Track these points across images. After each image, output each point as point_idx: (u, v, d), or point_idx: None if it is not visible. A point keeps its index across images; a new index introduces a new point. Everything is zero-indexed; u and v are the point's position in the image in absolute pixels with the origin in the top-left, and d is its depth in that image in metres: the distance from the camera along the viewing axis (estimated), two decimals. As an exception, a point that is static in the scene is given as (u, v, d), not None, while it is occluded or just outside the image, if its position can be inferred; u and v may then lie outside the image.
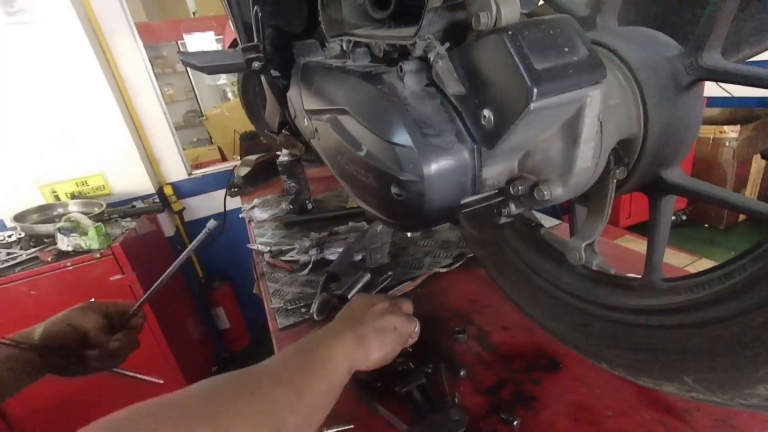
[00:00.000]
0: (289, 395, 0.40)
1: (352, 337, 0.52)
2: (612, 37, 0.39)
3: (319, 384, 0.44)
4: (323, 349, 0.49)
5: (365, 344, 0.53)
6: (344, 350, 0.50)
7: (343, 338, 0.51)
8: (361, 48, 0.57)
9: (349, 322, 0.56)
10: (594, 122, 0.35)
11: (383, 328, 0.55)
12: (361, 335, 0.53)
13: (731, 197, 0.36)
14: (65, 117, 1.93)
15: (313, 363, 0.46)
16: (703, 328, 0.36)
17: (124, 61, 2.09)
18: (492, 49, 0.34)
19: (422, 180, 0.40)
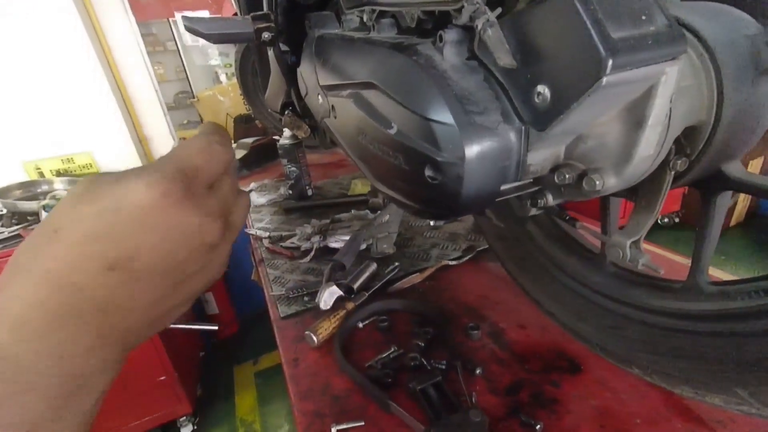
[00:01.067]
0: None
1: (95, 309, 0.23)
2: (683, 10, 0.35)
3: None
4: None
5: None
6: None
7: (67, 321, 0.22)
8: (387, 18, 0.52)
9: (80, 272, 0.22)
10: (665, 104, 0.32)
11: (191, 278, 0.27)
12: (122, 299, 0.24)
13: (805, 195, 0.33)
14: (52, 92, 1.83)
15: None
16: (765, 339, 0.33)
17: (115, 36, 1.99)
18: (558, 13, 0.30)
19: (462, 162, 0.36)
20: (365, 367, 0.60)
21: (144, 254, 0.23)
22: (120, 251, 0.23)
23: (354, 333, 0.69)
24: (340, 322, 0.69)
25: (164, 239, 0.24)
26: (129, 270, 0.23)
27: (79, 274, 0.22)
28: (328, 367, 0.61)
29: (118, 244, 0.23)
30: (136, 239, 0.23)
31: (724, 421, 0.46)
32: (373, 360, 0.61)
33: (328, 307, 0.73)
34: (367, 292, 0.77)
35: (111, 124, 1.98)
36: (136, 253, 0.23)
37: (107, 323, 0.23)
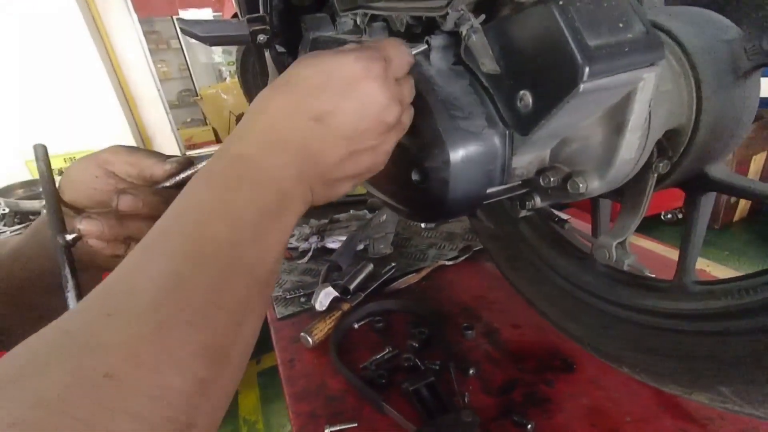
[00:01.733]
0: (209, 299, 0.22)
1: (301, 147, 0.28)
2: (663, 16, 0.35)
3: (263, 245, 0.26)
4: (257, 173, 0.27)
5: (323, 163, 0.29)
6: (294, 173, 0.28)
7: (287, 149, 0.28)
8: (379, 22, 0.53)
9: (296, 116, 0.28)
10: (644, 109, 0.32)
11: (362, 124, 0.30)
12: (317, 149, 0.29)
13: (785, 197, 0.33)
14: (54, 90, 1.85)
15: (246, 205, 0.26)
16: (746, 338, 0.34)
17: (117, 33, 2.01)
18: (538, 21, 0.31)
19: (447, 166, 0.37)
20: (360, 367, 0.61)
21: (340, 114, 0.29)
22: (324, 107, 0.29)
23: (350, 333, 0.70)
24: (336, 322, 0.69)
25: (357, 106, 0.29)
26: (327, 125, 0.29)
27: (293, 119, 0.28)
28: (324, 368, 0.62)
29: (325, 101, 0.29)
30: (338, 100, 0.29)
31: (713, 418, 0.47)
32: (368, 361, 0.62)
33: (324, 308, 0.73)
34: (363, 293, 0.78)
35: (113, 123, 2.00)
36: (335, 111, 0.29)
37: (305, 164, 0.29)
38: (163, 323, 0.20)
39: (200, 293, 0.22)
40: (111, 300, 0.21)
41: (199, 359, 0.20)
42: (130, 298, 0.20)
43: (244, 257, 0.24)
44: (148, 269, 0.22)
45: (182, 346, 0.20)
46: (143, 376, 0.18)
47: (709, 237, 2.80)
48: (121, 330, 0.19)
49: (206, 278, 0.22)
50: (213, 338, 0.21)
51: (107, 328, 0.19)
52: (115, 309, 0.20)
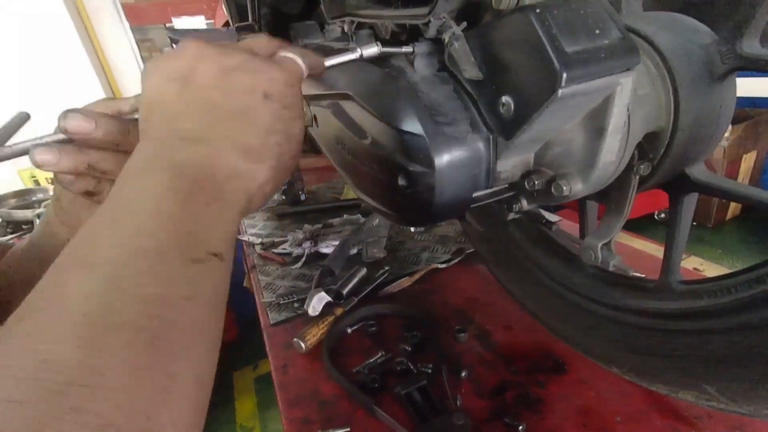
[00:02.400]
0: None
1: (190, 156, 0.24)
2: (641, 21, 0.36)
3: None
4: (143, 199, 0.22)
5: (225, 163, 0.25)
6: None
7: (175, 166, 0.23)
8: (365, 29, 0.54)
9: (169, 122, 0.26)
10: (623, 113, 0.33)
11: (249, 111, 0.27)
12: (211, 150, 0.25)
13: (764, 196, 0.34)
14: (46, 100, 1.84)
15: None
16: (729, 336, 0.34)
17: (110, 42, 2.01)
18: (516, 28, 0.31)
19: (433, 171, 0.37)
20: (353, 372, 0.61)
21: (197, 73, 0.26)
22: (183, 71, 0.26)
23: (343, 338, 0.70)
24: (329, 327, 0.70)
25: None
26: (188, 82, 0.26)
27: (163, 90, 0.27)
28: (317, 373, 0.62)
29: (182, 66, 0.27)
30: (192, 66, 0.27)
31: (702, 416, 0.47)
32: (361, 365, 0.62)
33: (317, 313, 0.73)
34: (356, 297, 0.78)
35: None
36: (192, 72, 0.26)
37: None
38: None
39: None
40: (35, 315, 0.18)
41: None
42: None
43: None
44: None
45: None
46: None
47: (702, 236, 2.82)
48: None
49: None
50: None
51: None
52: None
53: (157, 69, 0.27)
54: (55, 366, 0.16)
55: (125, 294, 0.18)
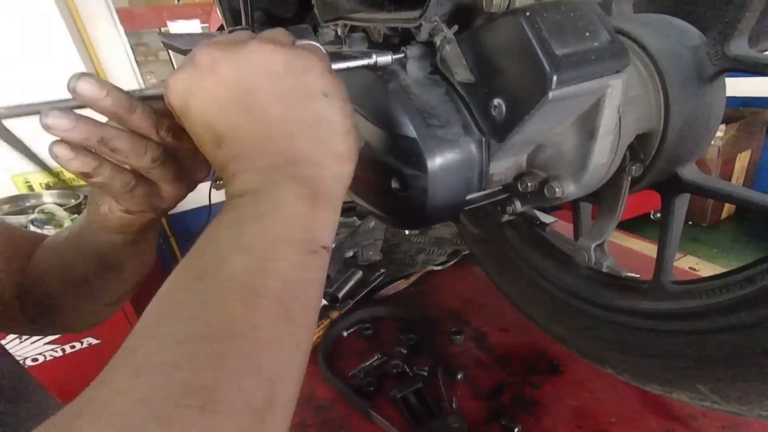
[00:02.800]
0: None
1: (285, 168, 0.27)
2: (631, 23, 0.36)
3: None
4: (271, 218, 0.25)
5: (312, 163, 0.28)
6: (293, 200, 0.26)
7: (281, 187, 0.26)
8: (358, 33, 0.54)
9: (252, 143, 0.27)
10: (614, 115, 0.33)
11: (322, 119, 0.28)
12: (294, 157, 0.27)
13: (754, 197, 0.34)
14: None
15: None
16: (722, 336, 0.35)
17: (104, 46, 2.00)
18: (507, 31, 0.31)
19: (426, 175, 0.37)
20: (349, 375, 0.61)
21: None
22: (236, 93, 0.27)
23: (339, 341, 0.70)
24: (325, 331, 0.69)
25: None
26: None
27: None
28: (313, 377, 0.62)
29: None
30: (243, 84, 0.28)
31: (696, 416, 0.48)
32: (357, 368, 0.62)
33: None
34: (352, 300, 0.78)
35: (100, 138, 1.98)
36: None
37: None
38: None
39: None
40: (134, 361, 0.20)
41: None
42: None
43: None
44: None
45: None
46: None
47: (697, 235, 2.83)
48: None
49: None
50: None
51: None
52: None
53: (201, 92, 0.27)
54: (228, 318, 0.21)
55: (272, 273, 0.23)
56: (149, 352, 0.19)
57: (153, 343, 0.20)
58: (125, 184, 0.32)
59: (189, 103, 0.27)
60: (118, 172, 0.31)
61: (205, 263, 0.24)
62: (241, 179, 0.27)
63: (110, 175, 0.31)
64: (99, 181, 0.31)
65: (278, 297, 0.23)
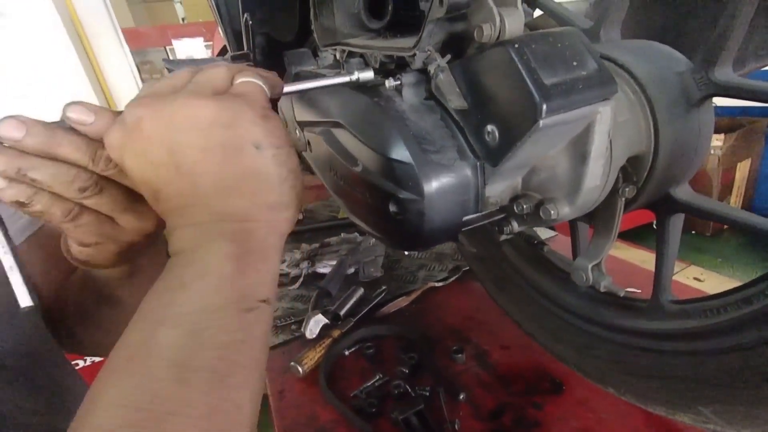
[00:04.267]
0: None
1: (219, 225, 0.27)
2: (619, 50, 0.37)
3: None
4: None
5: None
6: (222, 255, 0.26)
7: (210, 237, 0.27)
8: (356, 58, 0.55)
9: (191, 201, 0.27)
10: (604, 139, 0.34)
11: (253, 171, 0.28)
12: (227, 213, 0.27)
13: (744, 217, 0.35)
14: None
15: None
16: (721, 357, 0.35)
17: (110, 65, 2.04)
18: (497, 62, 0.32)
19: (422, 198, 0.38)
20: (350, 396, 0.61)
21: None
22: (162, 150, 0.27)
23: (340, 361, 0.70)
24: (326, 350, 0.69)
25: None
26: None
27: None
28: (314, 398, 0.62)
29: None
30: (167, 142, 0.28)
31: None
32: (358, 389, 0.62)
33: (314, 335, 0.73)
34: (354, 318, 0.78)
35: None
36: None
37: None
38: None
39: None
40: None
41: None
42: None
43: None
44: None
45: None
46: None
47: (700, 245, 2.81)
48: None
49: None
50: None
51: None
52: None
53: (132, 150, 0.27)
54: (159, 399, 0.21)
55: (202, 343, 0.23)
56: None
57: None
58: (65, 212, 0.30)
59: (124, 159, 0.28)
60: (56, 201, 0.30)
61: (136, 340, 0.24)
62: (177, 236, 0.27)
63: (48, 203, 0.29)
64: (36, 210, 0.29)
65: (212, 367, 0.23)
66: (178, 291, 0.25)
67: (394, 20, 0.48)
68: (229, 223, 0.27)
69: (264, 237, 0.28)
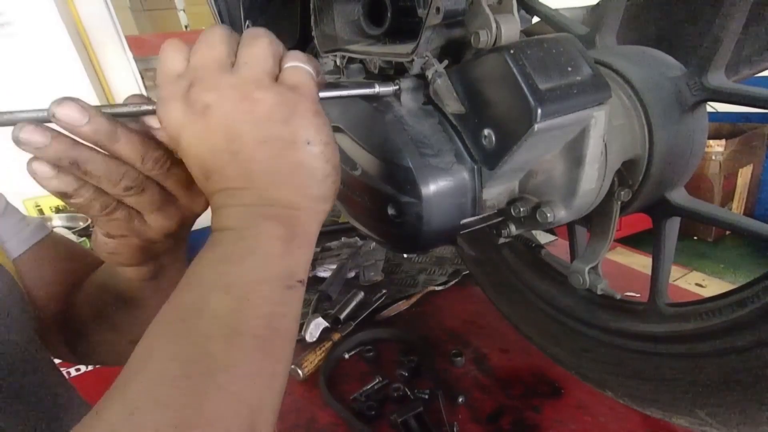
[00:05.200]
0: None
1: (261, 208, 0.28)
2: (614, 56, 0.38)
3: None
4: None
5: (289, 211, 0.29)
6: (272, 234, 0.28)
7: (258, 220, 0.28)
8: (356, 64, 0.56)
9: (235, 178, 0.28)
10: (599, 143, 0.34)
11: (302, 164, 0.29)
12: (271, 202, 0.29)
13: (739, 221, 0.35)
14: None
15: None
16: (716, 359, 0.35)
17: (114, 73, 2.07)
18: (493, 67, 0.33)
19: (420, 202, 0.38)
20: (350, 399, 0.61)
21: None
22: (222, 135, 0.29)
23: (340, 364, 0.70)
24: (326, 353, 0.69)
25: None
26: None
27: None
28: (314, 401, 0.62)
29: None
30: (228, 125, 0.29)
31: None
32: (358, 392, 0.62)
33: (314, 339, 0.73)
34: (354, 322, 0.78)
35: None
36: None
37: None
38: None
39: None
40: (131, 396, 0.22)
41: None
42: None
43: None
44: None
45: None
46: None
47: (703, 250, 2.81)
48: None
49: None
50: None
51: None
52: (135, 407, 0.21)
53: (192, 132, 0.28)
54: (211, 356, 0.23)
55: (251, 311, 0.25)
56: (139, 389, 0.22)
57: (143, 380, 0.22)
58: (104, 206, 0.31)
59: (180, 137, 0.29)
60: (99, 195, 0.30)
61: (188, 302, 0.25)
62: (225, 213, 0.29)
63: (91, 197, 0.30)
64: (78, 202, 0.30)
65: (257, 333, 0.25)
66: (228, 263, 0.27)
67: (393, 27, 0.49)
68: (278, 208, 0.29)
69: (306, 224, 0.30)
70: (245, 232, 0.28)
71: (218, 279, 0.26)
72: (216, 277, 0.26)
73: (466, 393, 0.59)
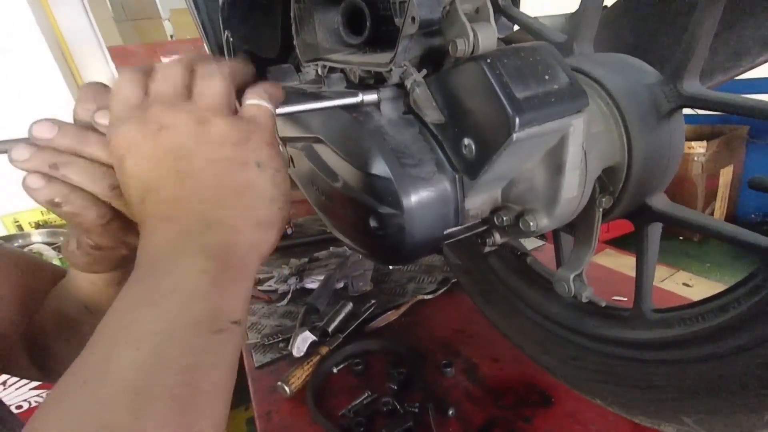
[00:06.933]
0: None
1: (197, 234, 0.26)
2: (591, 64, 0.38)
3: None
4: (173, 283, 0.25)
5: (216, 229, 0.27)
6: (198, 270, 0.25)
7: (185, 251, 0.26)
8: (336, 73, 0.56)
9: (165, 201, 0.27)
10: (578, 151, 0.34)
11: (250, 185, 0.29)
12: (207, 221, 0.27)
13: (719, 226, 0.35)
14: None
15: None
16: (700, 365, 0.35)
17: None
18: (470, 76, 0.33)
19: (402, 213, 0.38)
20: (338, 415, 0.60)
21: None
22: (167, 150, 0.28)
23: (328, 379, 0.68)
24: (314, 368, 0.68)
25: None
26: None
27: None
28: (302, 418, 0.60)
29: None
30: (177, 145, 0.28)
31: (690, 446, 0.47)
32: (347, 408, 0.60)
33: (302, 353, 0.72)
34: (342, 334, 0.77)
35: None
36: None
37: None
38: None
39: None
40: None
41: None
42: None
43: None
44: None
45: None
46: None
47: (688, 250, 2.85)
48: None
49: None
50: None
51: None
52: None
53: (141, 149, 0.27)
54: (108, 430, 0.19)
55: (165, 365, 0.21)
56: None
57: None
58: (101, 216, 0.31)
59: (126, 157, 0.28)
60: (93, 203, 0.30)
61: (92, 362, 0.22)
62: (153, 243, 0.27)
63: (83, 204, 0.30)
64: (70, 210, 0.30)
65: (174, 393, 0.21)
66: (144, 306, 0.23)
67: (372, 36, 0.49)
68: (215, 232, 0.27)
69: (244, 255, 0.27)
70: (169, 265, 0.25)
71: (128, 329, 0.23)
72: (127, 327, 0.23)
73: (456, 404, 0.58)
